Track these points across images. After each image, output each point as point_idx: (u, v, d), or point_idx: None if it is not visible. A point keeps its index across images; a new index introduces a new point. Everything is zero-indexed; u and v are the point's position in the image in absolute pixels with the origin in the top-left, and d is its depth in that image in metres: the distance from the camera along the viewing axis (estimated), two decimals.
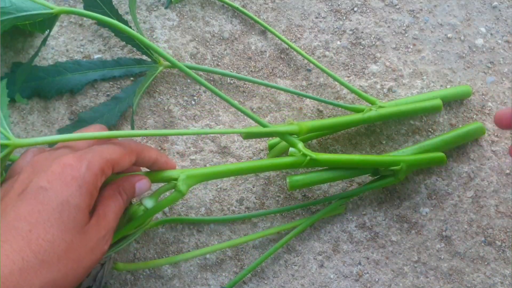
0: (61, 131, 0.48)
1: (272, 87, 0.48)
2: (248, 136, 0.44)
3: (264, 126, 0.42)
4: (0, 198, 0.34)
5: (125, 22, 0.46)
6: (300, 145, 0.42)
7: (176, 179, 0.39)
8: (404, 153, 0.47)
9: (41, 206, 0.32)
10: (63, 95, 0.49)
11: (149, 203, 0.40)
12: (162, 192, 0.40)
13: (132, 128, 0.46)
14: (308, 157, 0.41)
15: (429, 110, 0.47)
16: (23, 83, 0.48)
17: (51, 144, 0.43)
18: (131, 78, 0.50)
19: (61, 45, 0.50)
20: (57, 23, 0.51)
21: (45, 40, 0.42)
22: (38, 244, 0.31)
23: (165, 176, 0.40)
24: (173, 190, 0.39)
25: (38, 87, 0.48)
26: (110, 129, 0.48)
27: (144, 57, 0.49)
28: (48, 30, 0.41)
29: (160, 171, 0.40)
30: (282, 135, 0.43)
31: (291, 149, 0.43)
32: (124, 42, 0.50)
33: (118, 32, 0.47)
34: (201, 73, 0.51)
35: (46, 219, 0.32)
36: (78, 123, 0.48)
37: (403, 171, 0.45)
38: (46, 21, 0.40)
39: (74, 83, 0.48)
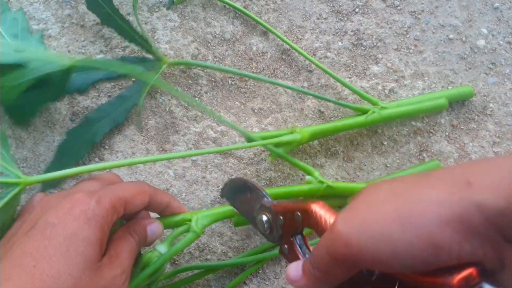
0: (69, 133, 0.48)
1: (275, 83, 0.49)
2: (251, 145, 0.44)
3: (264, 137, 0.43)
4: (8, 238, 0.33)
5: (127, 22, 0.46)
6: (317, 173, 0.43)
7: (189, 221, 0.39)
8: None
9: (48, 241, 0.30)
10: (65, 96, 0.49)
11: (162, 248, 0.38)
12: (176, 236, 0.39)
13: (139, 126, 0.47)
14: (325, 185, 0.42)
15: (434, 109, 0.47)
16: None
17: (61, 179, 0.44)
18: (133, 79, 0.50)
19: (63, 46, 0.50)
20: (59, 24, 0.51)
21: None
22: (42, 280, 0.29)
23: (179, 220, 0.39)
24: (187, 232, 0.39)
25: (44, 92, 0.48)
26: (117, 127, 0.49)
27: (148, 56, 0.49)
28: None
29: (172, 215, 0.39)
30: (288, 144, 0.43)
31: (307, 177, 0.44)
32: (125, 43, 0.50)
33: (122, 31, 0.47)
34: (202, 73, 0.51)
35: (52, 254, 0.30)
36: (86, 123, 0.48)
37: None
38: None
39: (80, 83, 0.49)
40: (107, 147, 0.49)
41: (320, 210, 0.32)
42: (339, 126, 0.46)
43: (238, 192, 0.39)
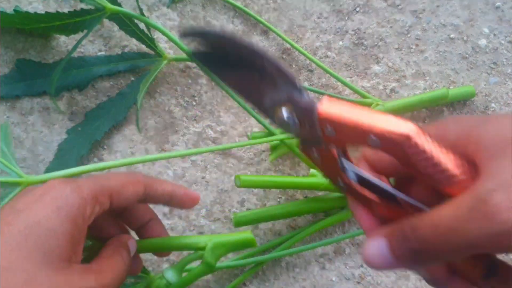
0: (69, 131, 0.48)
1: None
2: (254, 141, 0.44)
3: (267, 128, 0.42)
4: None
5: (129, 16, 0.45)
6: None
7: (202, 248, 0.33)
8: None
9: (6, 227, 0.26)
10: (64, 96, 0.49)
11: (172, 276, 0.34)
12: (187, 263, 0.34)
13: (138, 125, 0.46)
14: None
15: (437, 99, 0.47)
16: (28, 81, 0.48)
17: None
18: (132, 79, 0.50)
19: (62, 45, 0.50)
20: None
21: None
22: None
23: (189, 243, 0.34)
24: (200, 259, 0.34)
25: (44, 84, 0.48)
26: (117, 124, 0.48)
27: (149, 51, 0.49)
28: None
29: (181, 237, 0.35)
30: (290, 144, 0.43)
31: (311, 170, 0.43)
32: (124, 43, 0.50)
33: (123, 25, 0.46)
34: (202, 73, 0.50)
35: (7, 242, 0.25)
36: (86, 121, 0.48)
37: None
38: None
39: (80, 79, 0.48)
40: (106, 147, 0.48)
41: (427, 143, 0.22)
42: None
43: (235, 65, 0.27)
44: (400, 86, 0.50)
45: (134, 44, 0.50)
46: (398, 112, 0.47)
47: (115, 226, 0.34)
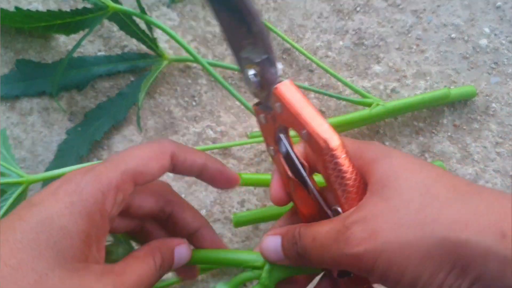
0: (69, 132, 0.47)
1: None
2: (253, 140, 0.44)
3: None
4: None
5: (130, 16, 0.45)
6: None
7: (259, 268, 0.31)
8: None
9: (19, 223, 0.24)
10: (63, 96, 0.49)
11: None
12: (242, 281, 0.31)
13: (138, 124, 0.46)
14: None
15: (438, 99, 0.47)
16: (28, 81, 0.48)
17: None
18: (132, 79, 0.50)
19: (61, 46, 0.50)
20: None
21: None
22: None
23: (246, 261, 0.31)
24: (256, 279, 0.31)
25: (44, 84, 0.48)
26: (117, 124, 0.48)
27: (149, 51, 0.49)
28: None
29: (237, 251, 0.32)
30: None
31: None
32: (124, 43, 0.50)
33: (124, 26, 0.46)
34: (202, 73, 0.50)
35: (18, 240, 0.24)
36: (86, 121, 0.48)
37: None
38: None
39: (80, 79, 0.48)
40: (106, 147, 0.48)
41: (341, 158, 0.27)
42: (343, 121, 0.46)
43: (229, 8, 0.27)
44: (400, 86, 0.49)
45: (134, 45, 0.50)
46: (399, 112, 0.47)
47: (162, 231, 0.33)
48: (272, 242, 0.29)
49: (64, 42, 0.50)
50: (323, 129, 0.27)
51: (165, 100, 0.49)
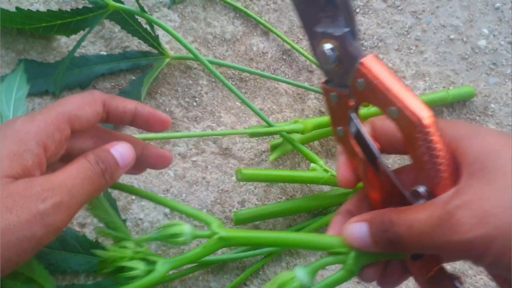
0: None
1: (277, 79, 0.48)
2: (254, 135, 0.44)
3: (270, 125, 0.43)
4: None
5: (132, 15, 0.45)
6: (322, 161, 0.43)
7: (344, 253, 0.29)
8: None
9: None
10: (64, 96, 0.49)
11: (304, 276, 0.29)
12: (322, 266, 0.30)
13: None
14: (329, 174, 0.42)
15: (437, 101, 0.47)
16: (31, 81, 0.48)
17: None
18: (133, 78, 0.50)
19: (63, 46, 0.50)
20: None
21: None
22: None
23: (328, 245, 0.30)
24: (339, 264, 0.30)
25: (47, 83, 0.48)
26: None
27: (151, 50, 0.49)
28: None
29: (319, 235, 0.31)
30: (290, 138, 0.43)
31: (312, 164, 0.43)
32: (125, 44, 0.50)
33: (126, 25, 0.46)
34: (202, 74, 0.50)
35: None
36: None
37: None
38: None
39: (82, 78, 0.48)
40: None
41: (436, 136, 0.25)
42: None
43: None
44: None
45: (135, 46, 0.50)
46: None
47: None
48: (358, 229, 0.28)
49: (65, 43, 0.50)
50: (416, 105, 0.25)
51: (166, 101, 0.50)
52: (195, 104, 0.50)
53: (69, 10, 0.44)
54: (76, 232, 0.45)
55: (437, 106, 0.49)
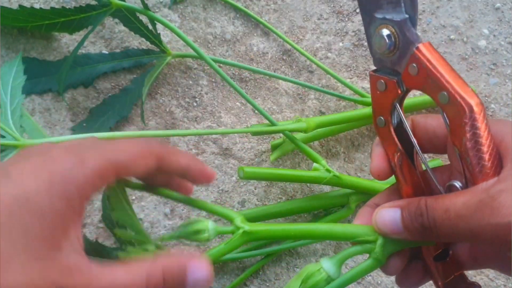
0: (74, 128, 0.48)
1: (278, 77, 0.48)
2: (256, 133, 0.44)
3: (272, 123, 0.43)
4: None
5: (133, 13, 0.45)
6: (323, 161, 0.43)
7: (371, 242, 0.29)
8: None
9: None
10: (65, 97, 0.49)
11: (331, 267, 0.28)
12: (349, 256, 0.29)
13: (142, 119, 0.47)
14: (331, 174, 0.42)
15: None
16: (33, 80, 0.48)
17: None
18: (134, 76, 0.50)
19: (63, 47, 0.50)
20: None
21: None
22: None
23: (356, 234, 0.30)
24: (366, 253, 0.30)
25: (49, 82, 0.48)
26: (122, 120, 0.48)
27: (153, 48, 0.49)
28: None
29: (346, 225, 0.31)
30: (292, 137, 0.43)
31: (315, 164, 0.43)
32: (126, 44, 0.50)
33: (128, 22, 0.46)
34: (203, 74, 0.50)
35: None
36: (91, 117, 0.48)
37: None
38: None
39: (85, 77, 0.49)
40: None
41: (482, 123, 0.26)
42: (345, 117, 0.46)
43: None
44: None
45: (135, 46, 0.50)
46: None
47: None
48: (389, 215, 0.29)
49: (65, 43, 0.50)
50: (467, 91, 0.26)
51: (166, 101, 0.50)
52: (195, 104, 0.50)
53: (72, 7, 0.44)
54: None
55: (438, 106, 0.49)
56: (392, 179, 0.31)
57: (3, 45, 0.49)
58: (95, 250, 0.43)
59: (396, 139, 0.30)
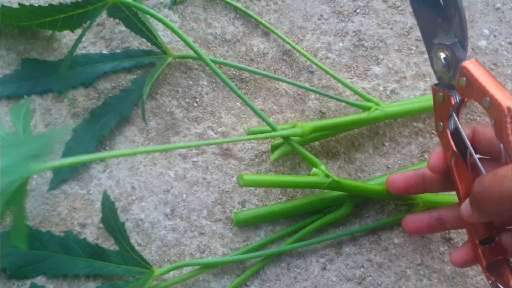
0: (76, 129, 0.48)
1: (277, 79, 0.48)
2: (252, 138, 0.44)
3: (269, 125, 0.43)
4: None
5: (134, 12, 0.45)
6: (323, 166, 0.43)
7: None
8: None
9: None
10: (64, 97, 0.49)
11: None
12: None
13: (143, 119, 0.46)
14: (331, 179, 0.42)
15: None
16: (33, 80, 0.48)
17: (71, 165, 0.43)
18: (134, 77, 0.50)
19: (63, 47, 0.50)
20: None
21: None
22: None
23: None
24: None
25: (49, 82, 0.48)
26: (123, 119, 0.48)
27: (154, 48, 0.49)
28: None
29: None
30: (291, 141, 0.43)
31: (314, 169, 0.43)
32: (126, 44, 0.50)
33: (128, 22, 0.46)
34: (203, 74, 0.50)
35: None
36: (92, 118, 0.48)
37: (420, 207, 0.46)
38: None
39: (85, 77, 0.49)
40: (107, 148, 0.49)
41: None
42: (341, 122, 0.46)
43: (432, 4, 0.35)
44: (400, 87, 0.50)
45: (135, 46, 0.50)
46: (397, 116, 0.47)
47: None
48: (466, 203, 0.34)
49: (66, 43, 0.50)
50: (506, 95, 0.31)
51: (166, 101, 0.50)
52: (195, 104, 0.50)
53: (69, 3, 0.44)
54: (77, 235, 0.45)
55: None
56: None
57: (3, 46, 0.50)
58: (95, 253, 0.43)
59: (452, 142, 0.36)
